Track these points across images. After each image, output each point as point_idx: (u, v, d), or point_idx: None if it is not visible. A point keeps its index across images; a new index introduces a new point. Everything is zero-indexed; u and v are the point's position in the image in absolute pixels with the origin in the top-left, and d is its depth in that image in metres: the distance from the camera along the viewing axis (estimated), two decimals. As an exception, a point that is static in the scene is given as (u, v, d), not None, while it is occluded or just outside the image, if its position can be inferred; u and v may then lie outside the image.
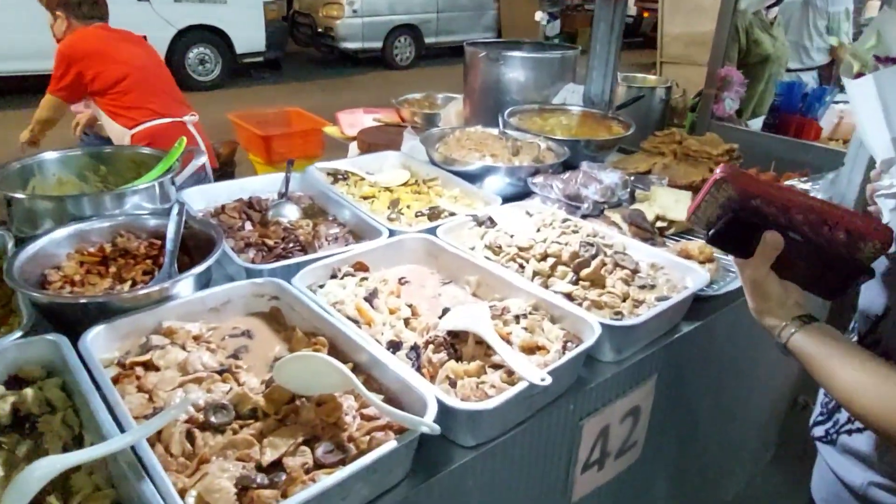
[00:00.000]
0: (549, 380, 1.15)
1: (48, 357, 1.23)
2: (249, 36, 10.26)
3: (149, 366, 1.25)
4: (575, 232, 1.75)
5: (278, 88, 10.66)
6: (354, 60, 12.50)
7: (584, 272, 1.55)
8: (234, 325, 1.46)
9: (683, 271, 1.65)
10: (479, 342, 1.30)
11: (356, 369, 1.26)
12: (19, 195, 1.62)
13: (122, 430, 1.01)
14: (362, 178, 2.34)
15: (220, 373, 1.23)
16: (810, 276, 1.08)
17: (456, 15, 13.24)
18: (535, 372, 1.16)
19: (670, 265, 1.68)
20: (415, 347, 1.31)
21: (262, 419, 1.12)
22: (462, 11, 13.35)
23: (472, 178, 2.25)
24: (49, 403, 1.16)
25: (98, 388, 1.11)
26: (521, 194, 2.25)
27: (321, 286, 1.56)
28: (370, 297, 1.48)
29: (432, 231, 1.79)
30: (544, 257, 1.60)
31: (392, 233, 1.78)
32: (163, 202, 1.83)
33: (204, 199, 2.07)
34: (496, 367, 1.25)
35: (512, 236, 1.74)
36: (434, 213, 1.98)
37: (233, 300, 1.48)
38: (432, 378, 1.24)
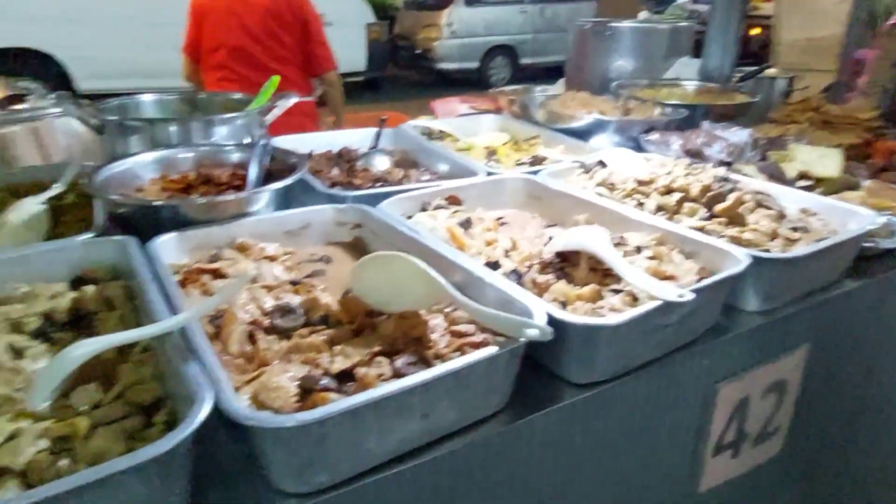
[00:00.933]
0: (689, 296, 0.90)
1: (115, 259, 1.13)
2: (351, 56, 10.58)
3: (217, 274, 1.12)
4: (699, 172, 1.49)
5: (375, 108, 10.92)
6: (451, 81, 12.63)
7: (719, 207, 1.29)
8: (312, 252, 1.31)
9: (844, 215, 1.35)
10: (595, 269, 1.07)
11: (446, 287, 1.06)
12: (112, 117, 1.58)
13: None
14: (457, 140, 2.18)
15: (294, 283, 1.08)
16: None
17: (552, 36, 13.11)
18: (669, 289, 0.92)
19: (826, 210, 1.38)
20: (515, 271, 1.10)
21: (333, 327, 0.94)
22: (559, 32, 13.19)
23: (578, 135, 2.03)
24: (109, 302, 1.05)
25: (161, 289, 0.99)
26: (632, 154, 2.00)
27: (409, 217, 1.39)
28: (465, 224, 1.29)
29: (535, 174, 1.59)
30: (668, 191, 1.35)
31: (490, 174, 1.60)
32: (251, 140, 1.74)
33: (292, 147, 1.98)
34: (614, 291, 1.02)
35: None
36: (536, 161, 1.78)
37: (312, 224, 1.34)
38: (537, 299, 1.02)
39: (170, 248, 1.16)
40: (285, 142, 1.95)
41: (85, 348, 0.79)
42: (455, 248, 1.21)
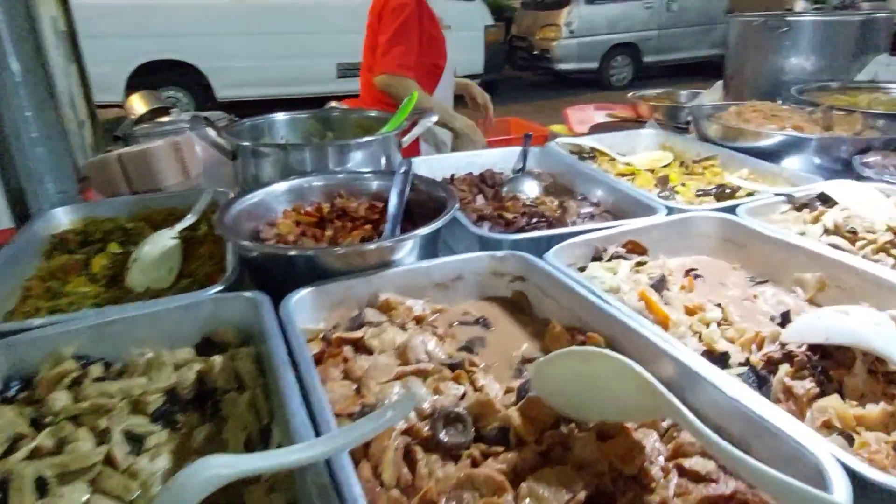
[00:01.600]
0: None
1: (246, 319, 0.96)
2: (469, 58, 10.43)
3: (360, 346, 0.92)
4: (982, 219, 1.10)
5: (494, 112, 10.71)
6: (569, 82, 12.16)
7: None
8: (466, 309, 1.09)
9: None
10: (874, 371, 0.76)
11: (657, 386, 0.80)
12: (244, 143, 1.45)
13: (318, 432, 0.67)
14: (612, 159, 1.89)
15: (452, 368, 0.86)
16: None
17: (680, 31, 12.24)
18: None
19: None
20: (749, 365, 0.81)
21: (514, 448, 0.71)
22: (688, 27, 12.30)
23: (766, 156, 1.67)
24: (238, 378, 0.88)
25: (295, 366, 0.80)
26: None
27: (581, 269, 1.14)
28: (659, 286, 1.01)
29: (729, 211, 1.28)
30: (949, 249, 0.99)
31: (671, 210, 1.30)
32: (388, 165, 1.56)
33: (430, 171, 1.78)
34: (921, 414, 0.70)
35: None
36: (724, 193, 1.45)
37: (465, 276, 1.11)
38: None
39: (305, 306, 0.98)
40: (422, 163, 1.77)
41: (210, 474, 0.60)
42: (655, 322, 0.94)
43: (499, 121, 5.82)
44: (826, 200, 1.26)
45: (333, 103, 5.13)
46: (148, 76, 8.28)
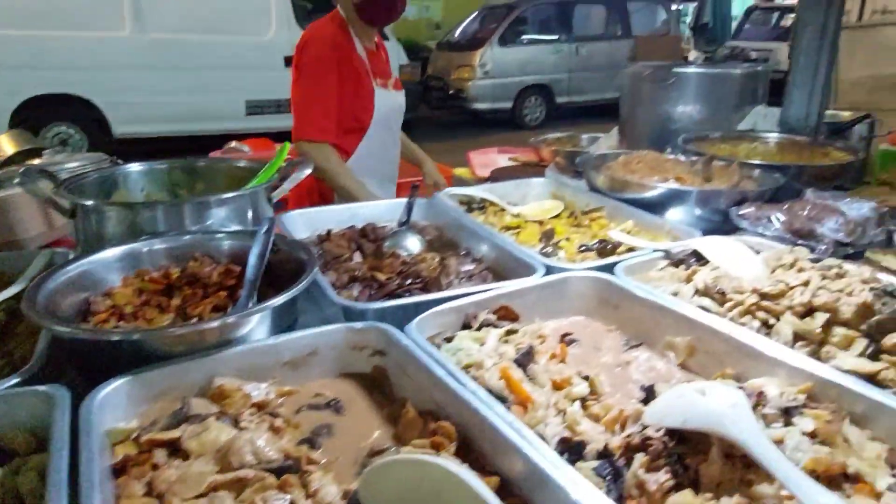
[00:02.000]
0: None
1: (40, 420, 0.81)
2: (383, 98, 10.46)
3: (176, 448, 0.78)
4: (841, 276, 1.11)
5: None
6: (483, 122, 12.43)
7: (891, 341, 0.91)
8: (319, 389, 0.98)
9: None
10: (731, 455, 0.70)
11: (504, 489, 0.71)
12: (86, 202, 1.29)
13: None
14: (502, 210, 1.85)
15: (280, 472, 0.74)
16: None
17: (589, 75, 12.85)
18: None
19: None
20: (607, 455, 0.74)
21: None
22: (596, 72, 12.93)
23: (650, 206, 1.67)
24: (18, 497, 0.72)
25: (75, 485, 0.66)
26: (715, 231, 1.63)
27: (448, 339, 1.05)
28: (524, 360, 0.94)
29: (607, 269, 1.24)
30: (808, 311, 0.98)
31: (549, 270, 1.25)
32: (256, 222, 1.44)
33: (308, 224, 1.68)
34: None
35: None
36: (606, 248, 1.42)
37: (320, 351, 1.00)
38: (650, 521, 0.66)
39: (120, 399, 0.84)
40: (299, 217, 1.66)
41: None
42: (516, 402, 0.86)
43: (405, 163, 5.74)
44: (700, 257, 1.24)
45: (234, 143, 4.91)
46: (37, 110, 7.71)
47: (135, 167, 1.58)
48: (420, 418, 0.85)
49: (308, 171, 1.52)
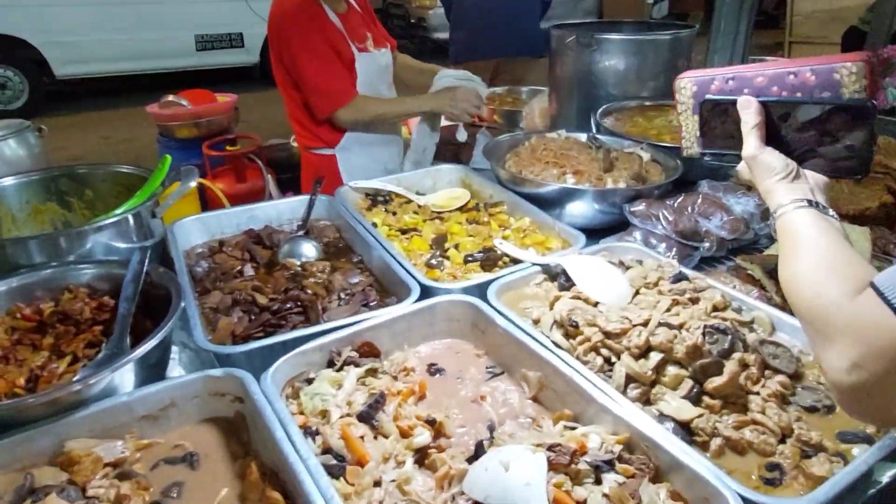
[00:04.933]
0: None
1: None
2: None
3: (13, 531, 0.82)
4: (694, 301, 1.16)
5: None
6: (445, 51, 12.09)
7: (713, 384, 0.96)
8: (180, 439, 1.01)
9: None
10: (527, 525, 0.76)
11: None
12: (-51, 237, 1.27)
13: None
14: (408, 201, 1.84)
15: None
16: (823, 157, 0.93)
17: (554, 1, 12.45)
18: None
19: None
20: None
21: None
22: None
23: (549, 202, 1.69)
24: None
25: None
26: (616, 224, 1.66)
27: (310, 380, 1.08)
28: (371, 412, 0.98)
29: (484, 288, 1.27)
30: (645, 351, 1.03)
31: (425, 291, 1.27)
32: (143, 238, 1.42)
33: (206, 230, 1.66)
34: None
35: (596, 305, 1.18)
36: (489, 260, 1.45)
37: (178, 403, 1.03)
38: None
39: (-39, 478, 0.86)
40: (192, 224, 1.64)
41: None
42: (353, 461, 0.90)
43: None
44: (569, 279, 1.27)
45: (171, 97, 4.71)
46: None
47: (8, 181, 1.53)
48: (261, 480, 0.89)
49: (193, 184, 1.49)
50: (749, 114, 0.95)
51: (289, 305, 1.30)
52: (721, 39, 2.36)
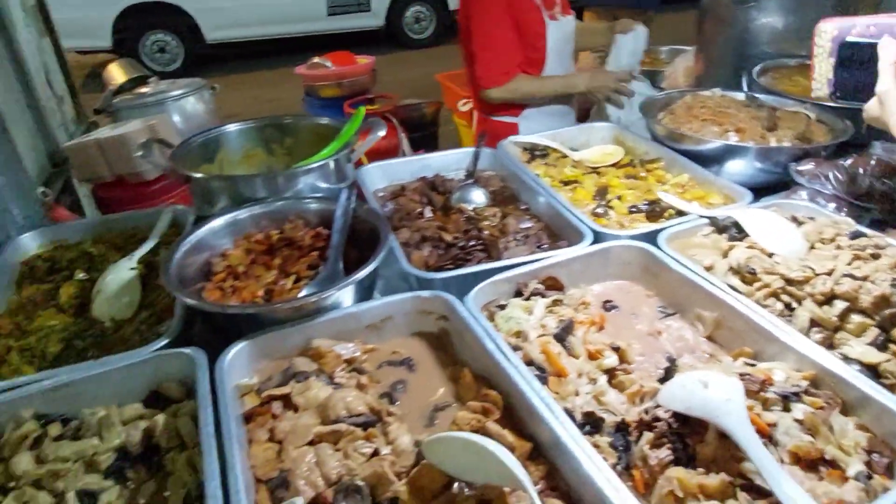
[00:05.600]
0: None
1: (187, 374, 1.07)
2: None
3: (288, 402, 1.03)
4: (875, 257, 1.18)
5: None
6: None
7: (899, 331, 1.01)
8: (395, 347, 1.20)
9: None
10: (723, 437, 0.86)
11: (536, 451, 0.91)
12: (196, 174, 1.52)
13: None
14: (564, 156, 1.94)
15: (366, 426, 0.97)
16: None
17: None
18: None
19: None
20: (622, 429, 0.92)
21: (403, 514, 0.83)
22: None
23: (708, 159, 1.72)
24: (179, 435, 1.00)
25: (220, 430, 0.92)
26: (778, 184, 1.67)
27: (502, 306, 1.23)
28: (563, 334, 1.11)
29: (652, 236, 1.35)
30: (829, 299, 1.08)
31: (597, 237, 1.38)
32: (338, 181, 1.63)
33: (385, 176, 1.86)
34: (751, 487, 0.81)
35: (771, 256, 1.23)
36: (654, 212, 1.52)
37: (394, 317, 1.22)
38: (647, 486, 0.85)
39: (242, 359, 1.09)
40: (375, 171, 1.83)
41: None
42: (552, 373, 1.04)
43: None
44: (740, 230, 1.33)
45: (317, 59, 5.02)
46: (134, 19, 8.12)
47: (231, 128, 1.78)
48: (475, 382, 1.06)
49: (382, 133, 1.67)
50: (888, 52, 1.01)
51: (472, 243, 1.45)
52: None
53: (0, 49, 2.50)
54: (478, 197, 1.71)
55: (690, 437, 0.88)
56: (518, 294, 1.26)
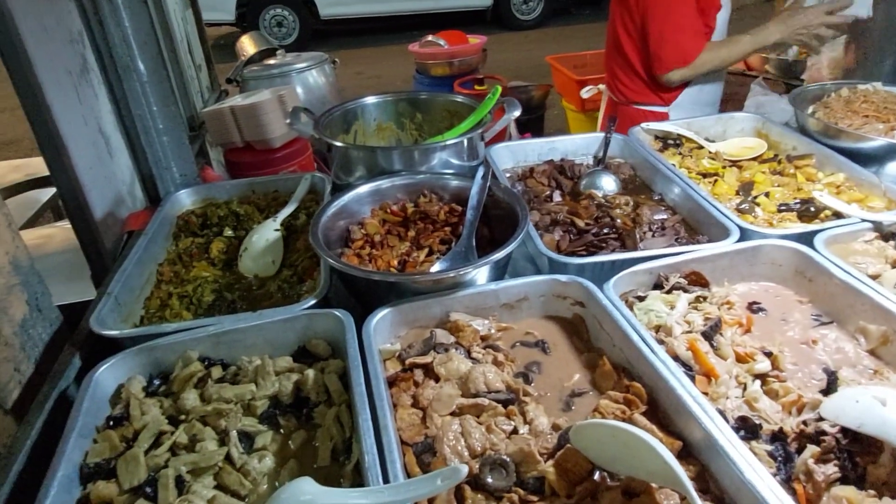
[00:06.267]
0: None
1: (334, 333, 1.12)
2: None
3: (429, 371, 1.06)
4: None
5: (597, 28, 10.08)
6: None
7: None
8: (529, 328, 1.20)
9: None
10: (899, 458, 0.80)
11: (685, 450, 0.89)
12: (338, 143, 1.57)
13: (384, 467, 0.82)
14: (700, 147, 1.85)
15: (506, 403, 0.98)
16: None
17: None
18: None
19: None
20: (781, 438, 0.88)
21: (548, 498, 0.83)
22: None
23: (869, 158, 1.58)
24: (326, 391, 1.05)
25: (370, 389, 0.96)
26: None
27: (640, 297, 1.20)
28: (710, 332, 1.07)
29: (807, 238, 1.27)
30: None
31: (744, 234, 1.31)
32: (470, 158, 1.64)
33: (512, 157, 1.85)
34: (932, 514, 0.75)
35: (949, 269, 1.13)
36: (808, 211, 1.42)
37: (530, 298, 1.21)
38: (809, 503, 0.80)
39: (385, 325, 1.13)
40: (503, 150, 1.83)
41: (298, 499, 0.78)
42: (700, 373, 1.01)
43: (600, 54, 5.46)
44: (913, 236, 1.22)
45: (430, 37, 5.06)
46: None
47: (369, 100, 1.83)
48: (614, 371, 1.04)
49: (517, 113, 1.66)
50: None
51: (605, 231, 1.42)
52: None
53: (159, 68, 2.71)
54: (608, 184, 1.67)
55: (861, 455, 0.82)
56: (657, 287, 1.23)
